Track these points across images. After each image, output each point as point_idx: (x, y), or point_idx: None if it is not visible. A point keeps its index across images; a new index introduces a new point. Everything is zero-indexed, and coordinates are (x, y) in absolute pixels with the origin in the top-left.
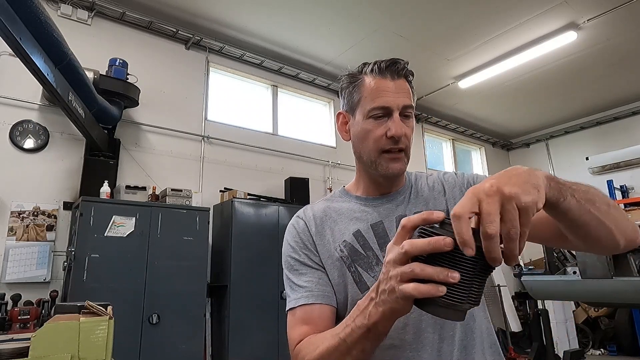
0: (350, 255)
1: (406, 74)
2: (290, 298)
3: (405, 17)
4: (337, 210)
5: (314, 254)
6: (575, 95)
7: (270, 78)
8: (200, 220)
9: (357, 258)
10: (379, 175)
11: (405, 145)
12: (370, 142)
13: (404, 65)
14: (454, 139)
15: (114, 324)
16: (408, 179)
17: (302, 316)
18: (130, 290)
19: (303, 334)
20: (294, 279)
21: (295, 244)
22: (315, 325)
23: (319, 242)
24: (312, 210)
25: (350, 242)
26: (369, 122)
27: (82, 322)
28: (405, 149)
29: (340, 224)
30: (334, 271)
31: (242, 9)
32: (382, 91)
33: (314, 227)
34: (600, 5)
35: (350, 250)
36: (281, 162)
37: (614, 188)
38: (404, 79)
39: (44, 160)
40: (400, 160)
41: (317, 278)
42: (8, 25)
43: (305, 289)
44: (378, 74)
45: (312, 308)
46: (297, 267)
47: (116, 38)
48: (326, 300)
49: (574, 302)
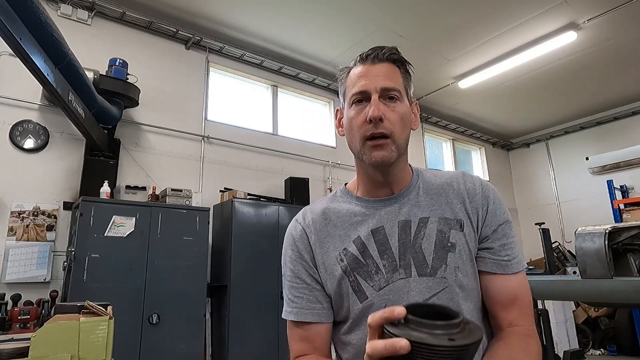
0: (349, 264)
1: (391, 57)
2: (285, 306)
3: (405, 17)
4: (338, 213)
5: (309, 266)
6: (575, 95)
7: (270, 78)
8: (200, 220)
9: (356, 267)
10: (369, 167)
11: (389, 131)
12: (355, 130)
13: (387, 50)
14: (454, 139)
15: (114, 324)
16: (415, 175)
17: (300, 332)
18: (130, 290)
19: (301, 351)
20: (287, 291)
21: (292, 253)
22: (312, 342)
23: (318, 250)
24: (311, 214)
25: (350, 251)
26: (351, 110)
27: (82, 322)
28: (390, 135)
29: (341, 229)
30: (333, 281)
31: (242, 9)
32: (361, 76)
33: (314, 235)
34: (600, 5)
35: (350, 259)
36: (281, 162)
37: (614, 188)
38: (390, 62)
39: (44, 160)
40: (385, 147)
41: (308, 294)
42: (8, 25)
43: (295, 305)
44: (360, 62)
45: (308, 326)
46: (291, 279)
47: (116, 38)
48: (316, 319)
49: (574, 302)
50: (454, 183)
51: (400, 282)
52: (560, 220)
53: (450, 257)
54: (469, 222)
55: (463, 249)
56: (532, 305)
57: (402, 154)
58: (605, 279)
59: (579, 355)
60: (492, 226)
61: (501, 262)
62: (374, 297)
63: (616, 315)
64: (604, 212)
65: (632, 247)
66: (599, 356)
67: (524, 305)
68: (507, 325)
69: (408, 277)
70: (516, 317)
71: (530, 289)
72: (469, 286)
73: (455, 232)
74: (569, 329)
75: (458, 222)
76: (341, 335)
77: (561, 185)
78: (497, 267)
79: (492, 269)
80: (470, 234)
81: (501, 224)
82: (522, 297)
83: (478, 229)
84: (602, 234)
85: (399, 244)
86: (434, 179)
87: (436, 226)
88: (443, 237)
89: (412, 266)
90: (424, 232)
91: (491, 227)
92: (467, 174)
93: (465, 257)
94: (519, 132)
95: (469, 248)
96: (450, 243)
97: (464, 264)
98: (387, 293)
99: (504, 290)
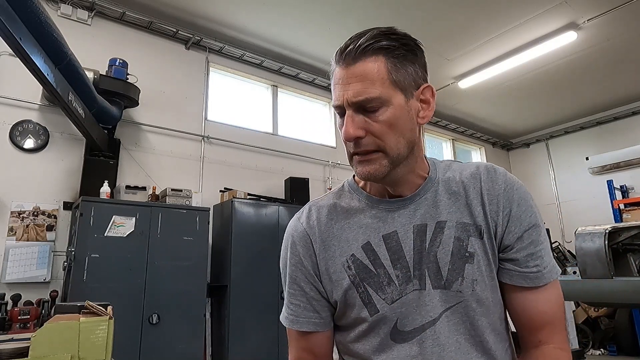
0: (358, 274)
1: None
2: (283, 307)
3: (405, 17)
4: (346, 212)
5: (309, 274)
6: (575, 95)
7: (270, 78)
8: (200, 220)
9: (366, 276)
10: None
11: (374, 146)
12: (345, 145)
13: (365, 40)
14: (454, 139)
15: (114, 324)
16: (433, 171)
17: (298, 339)
18: (130, 290)
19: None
20: (286, 293)
21: (292, 257)
22: (311, 351)
23: (322, 255)
24: (316, 213)
25: (359, 258)
26: (339, 123)
27: (82, 322)
28: (377, 149)
29: (349, 231)
30: (339, 290)
31: (242, 9)
32: (336, 84)
33: (318, 237)
34: (600, 5)
35: (359, 268)
36: (281, 162)
37: (614, 188)
38: (366, 59)
39: (44, 160)
40: (371, 162)
41: (306, 302)
42: (8, 25)
43: (292, 312)
44: (335, 61)
45: (307, 335)
46: (290, 285)
47: (116, 38)
48: (312, 328)
49: (574, 302)
50: (476, 180)
51: (413, 294)
52: (560, 220)
53: (468, 269)
54: (487, 229)
55: (482, 260)
56: (564, 320)
57: (401, 160)
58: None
59: (579, 355)
60: (516, 233)
61: (529, 274)
62: (386, 311)
63: (616, 315)
64: (604, 212)
65: (632, 247)
66: (599, 356)
67: (555, 322)
68: (536, 344)
69: (422, 290)
70: (546, 335)
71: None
72: (488, 300)
73: (475, 240)
74: (569, 328)
75: (477, 228)
76: (347, 343)
77: (561, 185)
78: (524, 280)
79: (519, 282)
80: (490, 241)
81: (527, 230)
82: (553, 314)
83: (497, 237)
84: (602, 234)
85: (413, 252)
86: (455, 175)
87: (453, 232)
88: (461, 246)
89: (426, 277)
90: (440, 238)
91: (515, 235)
92: (491, 169)
93: (484, 269)
94: (519, 132)
95: (488, 258)
96: (469, 253)
97: (482, 276)
98: (400, 306)
99: (532, 310)
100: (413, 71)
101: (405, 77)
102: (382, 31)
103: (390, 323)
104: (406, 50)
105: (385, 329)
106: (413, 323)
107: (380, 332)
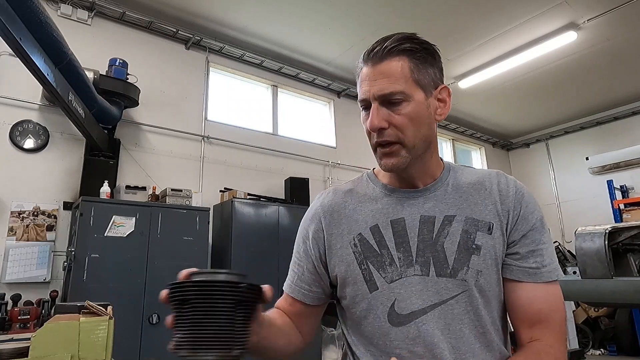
0: (363, 251)
1: (396, 50)
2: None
3: (405, 17)
4: (360, 197)
5: (312, 247)
6: (575, 95)
7: (270, 78)
8: (200, 220)
9: (370, 255)
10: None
11: (395, 137)
12: (367, 135)
13: (390, 43)
14: (454, 139)
15: (114, 324)
16: (446, 171)
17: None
18: (130, 290)
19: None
20: (292, 261)
21: (302, 229)
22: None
23: (330, 231)
24: (333, 194)
25: (365, 237)
26: (363, 117)
27: (82, 322)
28: (398, 141)
29: (360, 213)
30: (341, 265)
31: (242, 9)
32: (363, 81)
33: (329, 215)
34: (600, 5)
35: (364, 246)
36: (281, 162)
37: (614, 188)
38: (396, 56)
39: (44, 160)
40: (394, 154)
41: (302, 272)
42: (8, 25)
43: (290, 278)
44: (363, 62)
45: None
46: (294, 252)
47: (116, 38)
48: (299, 297)
49: (574, 302)
50: (487, 183)
51: (414, 279)
52: (560, 220)
53: (474, 260)
54: (498, 226)
55: (488, 253)
56: (562, 323)
57: (420, 154)
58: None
59: (579, 355)
60: (522, 231)
61: (528, 269)
62: (385, 289)
63: (616, 315)
64: (604, 212)
65: (632, 247)
66: (599, 356)
67: (550, 321)
68: (528, 341)
69: (425, 276)
70: (539, 332)
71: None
72: (491, 292)
73: (482, 235)
74: (569, 328)
75: (486, 224)
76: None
77: (561, 185)
78: (524, 275)
79: (518, 276)
80: (499, 238)
81: (532, 229)
82: (549, 313)
83: (507, 233)
84: (602, 234)
85: (418, 240)
86: (466, 177)
87: (462, 226)
88: (468, 239)
89: (430, 264)
90: (448, 230)
91: (520, 232)
92: (502, 174)
93: (490, 262)
94: (519, 132)
95: (495, 253)
96: (475, 245)
97: (487, 268)
98: (399, 287)
99: (528, 306)
100: (432, 72)
101: (426, 77)
102: (406, 36)
103: (388, 303)
104: (427, 54)
105: (383, 309)
106: (411, 306)
107: (378, 312)
